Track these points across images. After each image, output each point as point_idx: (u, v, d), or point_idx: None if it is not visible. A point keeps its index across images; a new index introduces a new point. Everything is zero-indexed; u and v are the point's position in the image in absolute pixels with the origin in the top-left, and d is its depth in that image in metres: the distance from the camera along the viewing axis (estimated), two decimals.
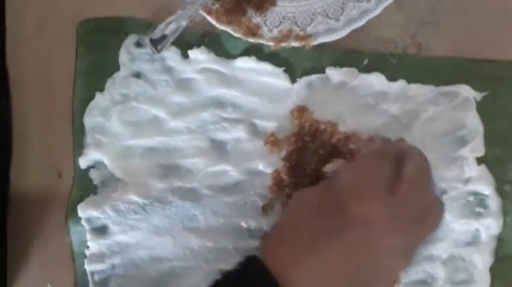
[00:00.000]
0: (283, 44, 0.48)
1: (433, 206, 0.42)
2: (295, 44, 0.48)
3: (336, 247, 0.38)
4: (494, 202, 0.47)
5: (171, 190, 0.48)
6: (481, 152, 0.47)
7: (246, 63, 0.49)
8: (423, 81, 0.48)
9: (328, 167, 0.45)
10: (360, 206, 0.39)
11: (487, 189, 0.47)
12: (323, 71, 0.49)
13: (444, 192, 0.47)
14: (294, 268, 0.38)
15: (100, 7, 0.50)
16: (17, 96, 0.50)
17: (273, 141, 0.48)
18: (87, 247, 0.48)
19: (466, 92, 0.48)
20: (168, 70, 0.49)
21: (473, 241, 0.47)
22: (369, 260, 0.39)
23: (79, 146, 0.49)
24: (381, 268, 0.39)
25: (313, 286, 0.38)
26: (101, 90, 0.49)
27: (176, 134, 0.49)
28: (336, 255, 0.38)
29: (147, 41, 0.48)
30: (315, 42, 0.48)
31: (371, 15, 0.47)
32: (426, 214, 0.41)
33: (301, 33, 0.48)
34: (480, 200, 0.47)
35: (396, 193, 0.40)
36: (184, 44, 0.49)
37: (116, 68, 0.49)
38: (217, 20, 0.48)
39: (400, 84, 0.48)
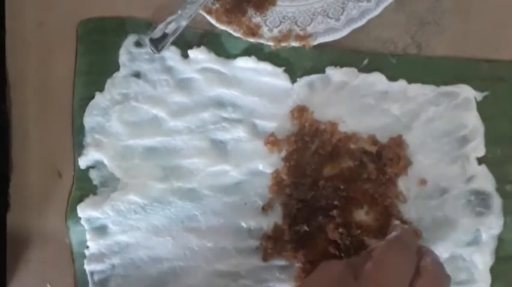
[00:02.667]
0: (283, 44, 0.48)
1: None
2: (295, 43, 0.48)
3: None
4: (495, 202, 0.47)
5: (171, 190, 0.48)
6: (481, 152, 0.47)
7: (246, 63, 0.49)
8: (423, 81, 0.48)
9: (371, 241, 0.45)
10: None
11: (487, 189, 0.47)
12: (323, 71, 0.49)
13: (445, 191, 0.47)
14: None
15: (100, 7, 0.50)
16: (17, 96, 0.50)
17: (273, 141, 0.48)
18: (87, 247, 0.48)
19: (466, 92, 0.48)
20: (168, 70, 0.49)
21: (474, 241, 0.47)
22: None
23: (79, 146, 0.49)
24: None
25: None
26: (101, 90, 0.49)
27: (176, 134, 0.49)
28: None
29: (147, 40, 0.48)
30: (315, 42, 0.48)
31: (371, 15, 0.47)
32: None
33: (301, 33, 0.48)
34: (481, 200, 0.47)
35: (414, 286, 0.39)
36: (184, 43, 0.49)
37: (116, 67, 0.49)
38: (217, 19, 0.48)
39: (401, 84, 0.48)
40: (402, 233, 0.43)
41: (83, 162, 0.49)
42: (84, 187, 0.49)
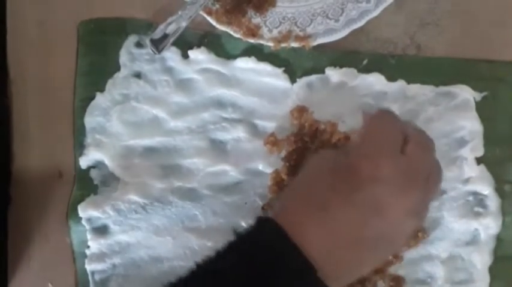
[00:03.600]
0: (283, 45, 0.48)
1: (436, 168, 0.42)
2: (295, 44, 0.48)
3: (347, 206, 0.38)
4: (493, 202, 0.47)
5: (171, 190, 0.48)
6: (480, 152, 0.47)
7: (246, 63, 0.49)
8: (423, 82, 0.48)
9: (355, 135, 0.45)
10: (369, 167, 0.39)
11: (486, 189, 0.47)
12: (323, 72, 0.49)
13: (444, 192, 0.47)
14: (306, 225, 0.38)
15: (101, 7, 0.50)
16: (18, 97, 0.50)
17: (273, 141, 0.48)
18: (88, 247, 0.48)
19: (465, 92, 0.48)
20: (169, 70, 0.50)
21: (473, 241, 0.47)
22: (380, 219, 0.38)
23: (79, 146, 0.49)
24: (394, 226, 0.39)
25: (326, 243, 0.38)
26: (102, 90, 0.49)
27: (176, 134, 0.49)
28: (348, 214, 0.38)
29: (147, 41, 0.48)
30: (315, 43, 0.48)
31: (370, 16, 0.47)
32: (430, 175, 0.41)
33: (301, 33, 0.48)
34: (479, 200, 0.47)
35: (404, 152, 0.40)
36: (184, 44, 0.49)
37: (117, 68, 0.50)
38: (218, 20, 0.48)
39: (400, 84, 0.48)
40: (383, 109, 0.43)
41: (83, 162, 0.49)
42: (85, 186, 0.49)
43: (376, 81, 0.48)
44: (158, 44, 0.48)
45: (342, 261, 0.39)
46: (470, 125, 0.48)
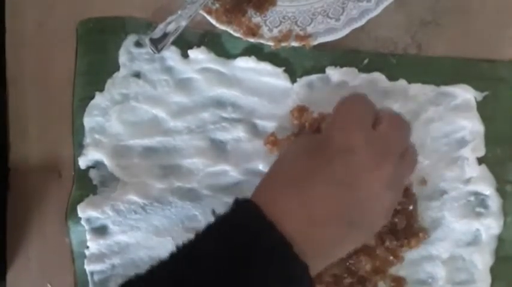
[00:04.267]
0: (283, 44, 0.48)
1: (410, 149, 0.42)
2: (295, 44, 0.48)
3: (322, 182, 0.39)
4: (494, 202, 0.47)
5: (171, 190, 0.48)
6: (481, 152, 0.47)
7: (246, 63, 0.49)
8: (423, 81, 0.48)
9: None
10: (342, 137, 0.39)
11: (487, 189, 0.47)
12: (323, 71, 0.49)
13: (445, 192, 0.47)
14: (282, 202, 0.39)
15: (100, 7, 0.50)
16: (17, 96, 0.50)
17: (273, 141, 0.48)
18: (87, 247, 0.48)
19: (466, 92, 0.48)
20: (168, 70, 0.49)
21: (474, 241, 0.47)
22: (355, 191, 0.39)
23: (79, 146, 0.49)
24: (369, 200, 0.39)
25: (301, 220, 0.38)
26: (101, 90, 0.49)
27: (176, 134, 0.49)
28: (322, 189, 0.39)
29: (147, 40, 0.48)
30: (315, 42, 0.48)
31: (371, 15, 0.47)
32: (404, 154, 0.41)
33: (301, 33, 0.48)
34: (481, 200, 0.47)
35: (376, 129, 0.40)
36: (184, 43, 0.49)
37: (116, 67, 0.49)
38: (217, 19, 0.48)
39: (401, 84, 0.48)
40: (355, 93, 0.44)
41: (82, 162, 0.49)
42: (84, 186, 0.49)
43: (377, 80, 0.48)
44: (158, 44, 0.48)
45: (320, 238, 0.39)
46: (471, 125, 0.48)
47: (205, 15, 0.48)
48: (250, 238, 0.37)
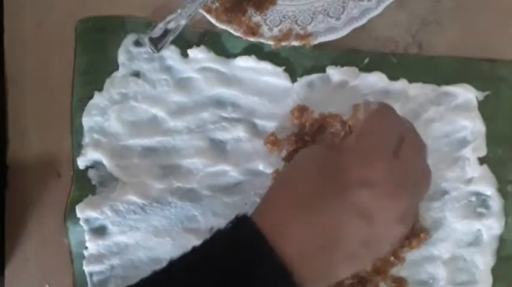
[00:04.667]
0: (283, 43, 0.47)
1: (426, 173, 0.41)
2: (295, 43, 0.47)
3: (332, 208, 0.37)
4: (496, 203, 0.47)
5: (171, 191, 0.48)
6: (483, 152, 0.47)
7: (246, 62, 0.49)
8: (424, 81, 0.48)
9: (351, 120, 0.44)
10: (362, 167, 0.37)
11: (489, 189, 0.47)
12: (323, 70, 0.48)
13: (446, 192, 0.47)
14: (287, 225, 0.37)
15: (99, 6, 0.50)
16: (16, 96, 0.50)
17: (273, 141, 0.48)
18: (86, 248, 0.48)
19: (467, 91, 0.48)
20: (168, 69, 0.49)
21: (475, 242, 0.47)
22: (367, 224, 0.37)
23: (77, 146, 0.49)
24: (380, 233, 0.37)
25: (306, 245, 0.37)
26: (100, 89, 0.49)
27: (175, 134, 0.49)
28: (333, 215, 0.37)
29: (146, 40, 0.48)
30: (316, 42, 0.47)
31: (372, 15, 0.47)
32: (421, 178, 0.40)
33: (301, 32, 0.47)
34: (482, 201, 0.47)
35: (398, 155, 0.38)
36: (183, 43, 0.49)
37: (115, 67, 0.49)
38: (217, 18, 0.47)
39: (401, 83, 0.48)
40: (384, 105, 0.41)
41: (81, 162, 0.49)
42: (83, 187, 0.49)
43: (377, 80, 0.48)
44: (157, 43, 0.47)
45: (323, 264, 0.37)
46: (473, 125, 0.47)
47: (204, 14, 0.48)
48: (249, 263, 0.36)
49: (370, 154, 0.38)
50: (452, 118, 0.48)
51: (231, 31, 0.48)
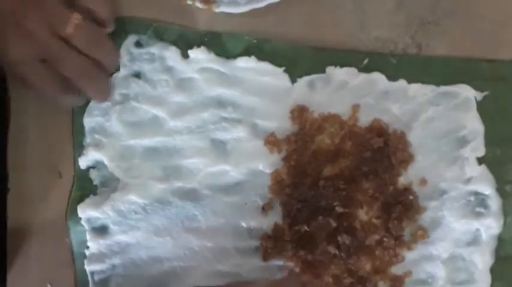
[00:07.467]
0: (189, 2, 0.48)
1: None
2: (199, 5, 0.48)
3: None
4: (494, 202, 0.47)
5: (171, 190, 0.48)
6: (481, 152, 0.47)
7: (246, 63, 0.49)
8: (423, 81, 0.48)
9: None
10: None
11: (487, 189, 0.47)
12: (323, 71, 0.49)
13: (444, 192, 0.47)
14: None
15: None
16: (16, 96, 0.50)
17: (273, 141, 0.48)
18: (87, 247, 0.48)
19: (466, 91, 0.48)
20: (168, 70, 0.49)
21: (474, 241, 0.47)
22: None
23: (79, 146, 0.49)
24: None
25: None
26: None
27: (176, 134, 0.49)
28: None
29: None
30: (218, 10, 0.48)
31: (270, 1, 0.47)
32: None
33: None
34: (481, 200, 0.47)
35: None
36: (184, 43, 0.49)
37: (116, 68, 0.49)
38: None
39: (401, 84, 0.48)
40: (286, 278, 0.45)
41: (83, 162, 0.49)
42: (85, 187, 0.49)
43: (377, 80, 0.48)
44: None
45: None
46: (471, 125, 0.48)
47: None
48: None
49: None
50: (452, 118, 0.48)
51: None
